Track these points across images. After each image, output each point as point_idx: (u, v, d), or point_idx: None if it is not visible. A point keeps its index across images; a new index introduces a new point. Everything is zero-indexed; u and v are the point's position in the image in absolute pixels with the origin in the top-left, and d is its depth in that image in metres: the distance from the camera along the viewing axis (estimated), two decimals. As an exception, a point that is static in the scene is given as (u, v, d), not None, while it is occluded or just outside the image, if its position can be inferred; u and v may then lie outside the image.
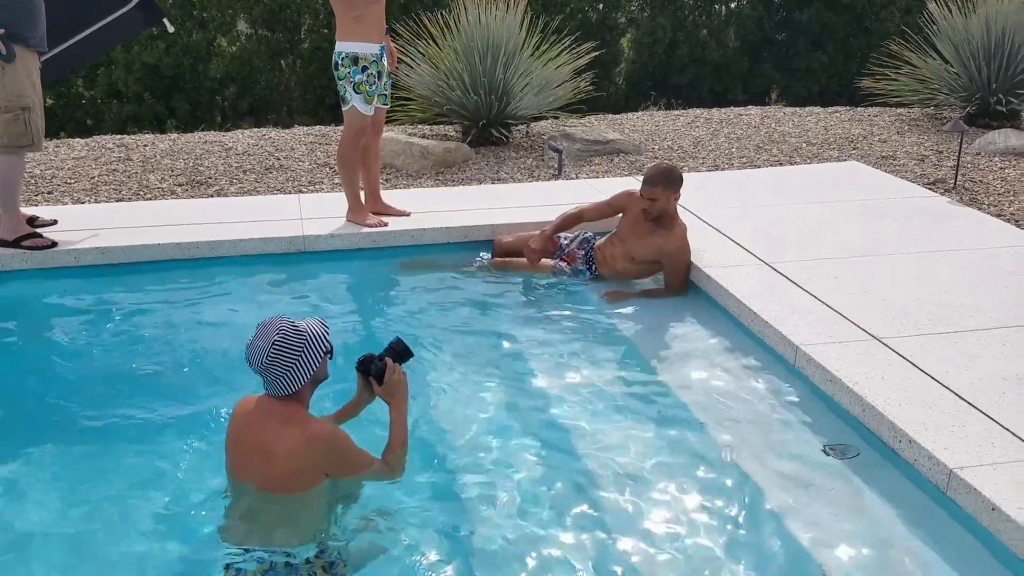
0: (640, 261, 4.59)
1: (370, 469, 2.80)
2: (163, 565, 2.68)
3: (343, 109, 5.05)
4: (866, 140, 7.52)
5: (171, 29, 5.91)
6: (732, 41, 14.03)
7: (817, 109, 8.85)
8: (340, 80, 4.97)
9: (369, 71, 4.94)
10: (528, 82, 7.29)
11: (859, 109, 8.78)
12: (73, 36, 5.34)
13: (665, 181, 4.49)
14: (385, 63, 5.08)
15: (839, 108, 8.88)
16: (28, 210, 5.20)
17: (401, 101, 7.40)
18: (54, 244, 4.81)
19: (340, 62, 4.94)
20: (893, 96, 8.19)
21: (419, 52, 7.41)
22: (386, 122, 7.13)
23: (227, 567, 2.52)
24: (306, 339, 2.66)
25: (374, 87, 4.99)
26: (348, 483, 2.83)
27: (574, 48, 7.63)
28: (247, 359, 2.64)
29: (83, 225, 5.09)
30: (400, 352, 2.94)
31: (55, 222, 5.14)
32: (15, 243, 4.78)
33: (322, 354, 2.70)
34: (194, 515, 2.84)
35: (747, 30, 13.94)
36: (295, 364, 2.62)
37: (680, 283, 4.56)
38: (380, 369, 2.88)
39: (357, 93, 4.96)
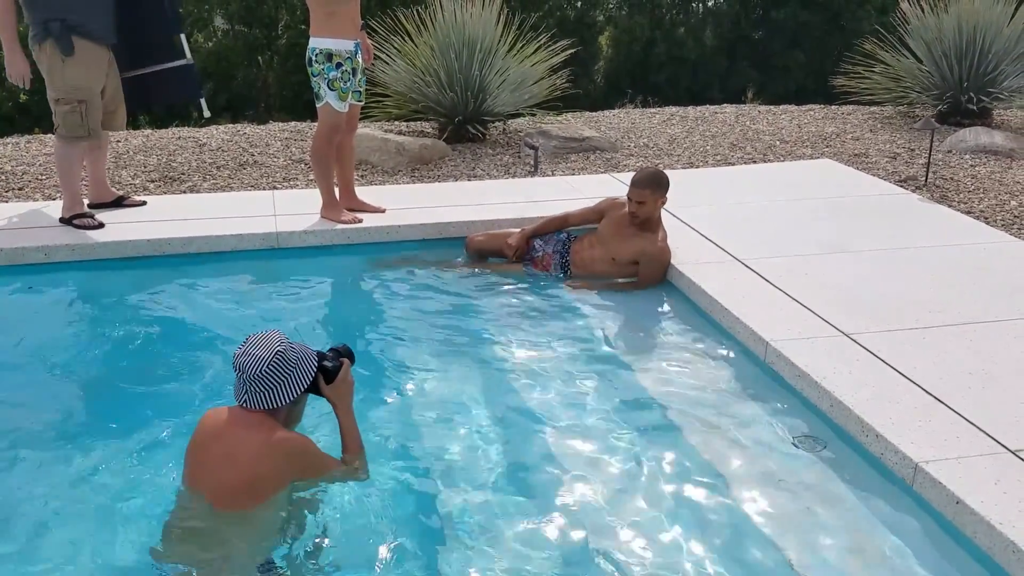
0: (621, 262, 4.60)
1: (336, 470, 2.76)
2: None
3: (317, 106, 5.03)
4: (839, 138, 7.58)
5: (207, 113, 5.84)
6: (709, 39, 14.11)
7: (791, 107, 8.91)
8: (314, 76, 4.95)
9: (343, 68, 4.93)
10: (504, 79, 7.29)
11: (833, 107, 8.85)
12: (125, 71, 5.30)
13: (654, 184, 4.53)
14: (360, 60, 5.07)
15: (813, 106, 8.95)
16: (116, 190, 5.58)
17: (377, 97, 7.38)
18: (102, 225, 4.97)
19: (314, 58, 4.92)
20: (866, 94, 8.26)
21: (395, 48, 7.40)
22: (362, 118, 7.12)
23: None
24: (300, 360, 2.66)
25: (348, 84, 4.98)
26: (301, 505, 2.74)
27: (550, 45, 7.64)
28: (238, 365, 2.59)
29: (55, 221, 5.05)
30: (346, 356, 2.88)
31: (144, 203, 5.42)
32: (68, 221, 4.98)
33: (308, 382, 2.67)
34: (139, 524, 2.74)
35: (724, 28, 14.02)
36: (286, 380, 2.61)
37: (650, 283, 4.58)
38: (336, 367, 2.80)
39: (331, 90, 4.94)
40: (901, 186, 6.09)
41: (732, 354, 3.93)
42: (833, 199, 5.67)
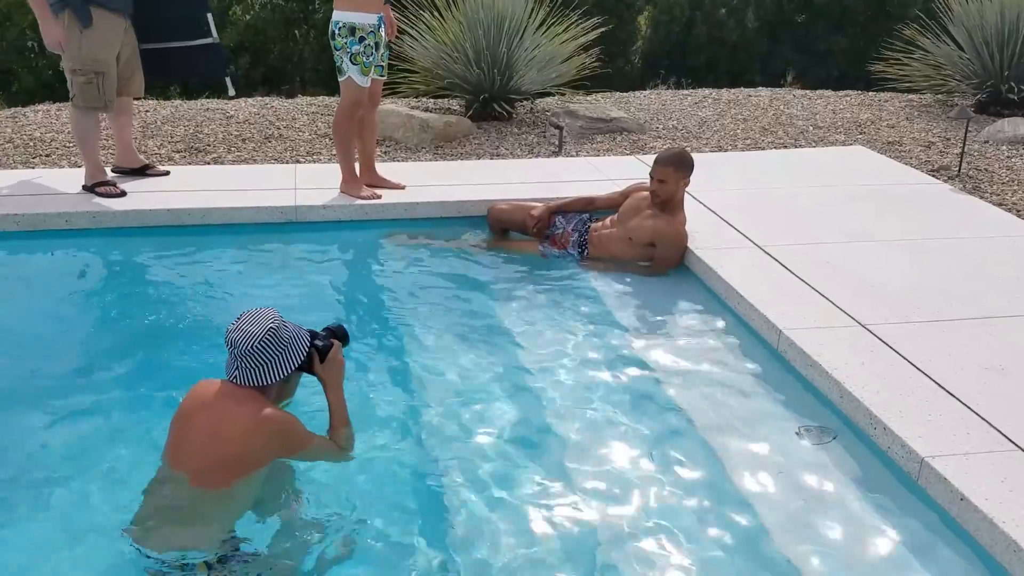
0: (638, 243, 4.55)
1: (322, 449, 2.74)
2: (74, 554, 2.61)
3: (339, 80, 5.01)
4: (874, 125, 7.42)
5: (232, 92, 5.86)
6: (751, 21, 13.86)
7: (828, 92, 8.73)
8: (337, 51, 4.93)
9: (366, 42, 4.90)
10: (533, 57, 7.21)
11: (870, 94, 8.65)
12: (148, 43, 5.29)
13: (677, 163, 4.47)
14: (383, 34, 5.04)
15: (850, 92, 8.76)
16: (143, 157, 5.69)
17: (404, 73, 7.35)
18: (124, 194, 5.01)
19: (337, 32, 4.90)
20: (905, 81, 8.07)
21: (424, 24, 7.35)
22: (389, 94, 7.10)
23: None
24: (293, 339, 2.63)
25: (371, 58, 4.95)
26: (279, 482, 2.72)
27: (582, 23, 7.54)
28: (230, 340, 2.57)
29: (78, 189, 5.10)
30: (340, 336, 2.85)
31: (167, 173, 5.47)
32: (91, 189, 5.03)
33: (299, 361, 2.65)
34: (121, 491, 2.75)
35: (766, 10, 13.76)
36: (277, 358, 2.59)
37: (667, 267, 4.52)
38: (327, 346, 2.78)
39: (354, 64, 4.91)
40: (933, 176, 5.95)
41: (745, 341, 3.87)
42: (862, 187, 5.55)
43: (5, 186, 5.16)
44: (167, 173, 5.47)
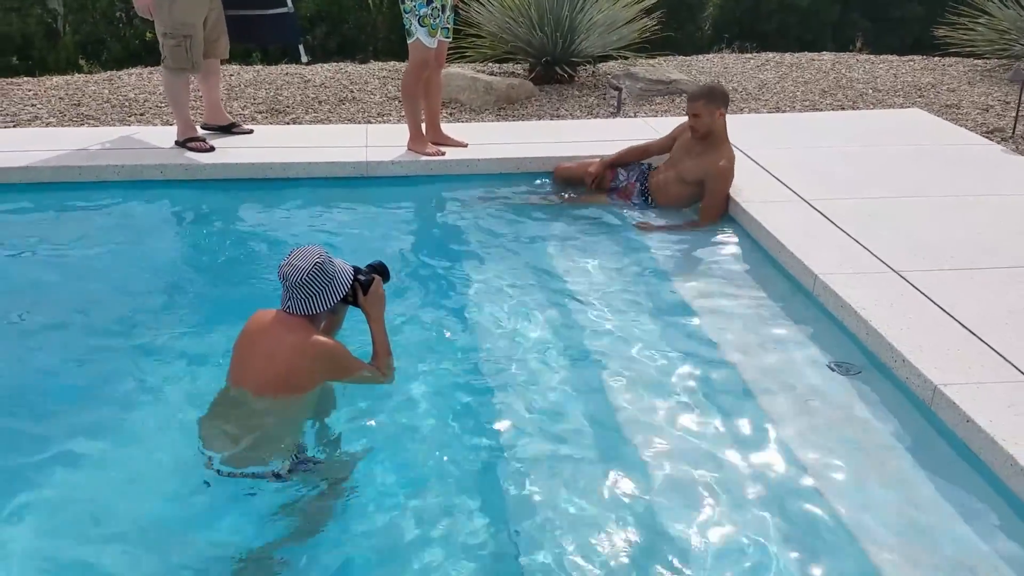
0: (689, 181, 4.79)
1: (364, 373, 3.02)
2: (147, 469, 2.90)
3: (408, 42, 5.32)
4: (934, 89, 7.46)
5: (305, 59, 6.19)
6: (823, -13, 13.71)
7: (891, 57, 8.74)
8: (406, 13, 5.23)
9: (434, 4, 5.18)
10: (595, 20, 7.42)
11: (934, 58, 8.64)
12: (229, 9, 5.62)
13: (707, 96, 4.67)
14: (450, -4, 5.32)
15: (913, 57, 8.75)
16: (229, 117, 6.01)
17: (471, 38, 7.64)
18: (212, 149, 5.43)
19: (406, -5, 5.20)
20: (968, 46, 8.04)
21: (494, -10, 7.62)
22: (457, 58, 7.39)
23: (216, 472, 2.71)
24: (337, 273, 2.93)
25: (438, 20, 5.24)
26: (332, 401, 3.01)
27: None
28: (282, 274, 2.87)
29: (171, 144, 5.55)
30: (381, 272, 3.14)
31: (251, 131, 5.87)
32: (183, 144, 5.46)
33: (344, 292, 2.95)
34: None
35: (838, -24, 13.59)
36: (323, 290, 2.88)
37: (717, 207, 4.72)
38: (369, 280, 3.06)
39: (422, 26, 5.21)
40: (987, 137, 6.02)
41: (784, 287, 4.09)
42: (914, 147, 5.67)
43: (107, 140, 5.66)
44: (251, 132, 5.88)
